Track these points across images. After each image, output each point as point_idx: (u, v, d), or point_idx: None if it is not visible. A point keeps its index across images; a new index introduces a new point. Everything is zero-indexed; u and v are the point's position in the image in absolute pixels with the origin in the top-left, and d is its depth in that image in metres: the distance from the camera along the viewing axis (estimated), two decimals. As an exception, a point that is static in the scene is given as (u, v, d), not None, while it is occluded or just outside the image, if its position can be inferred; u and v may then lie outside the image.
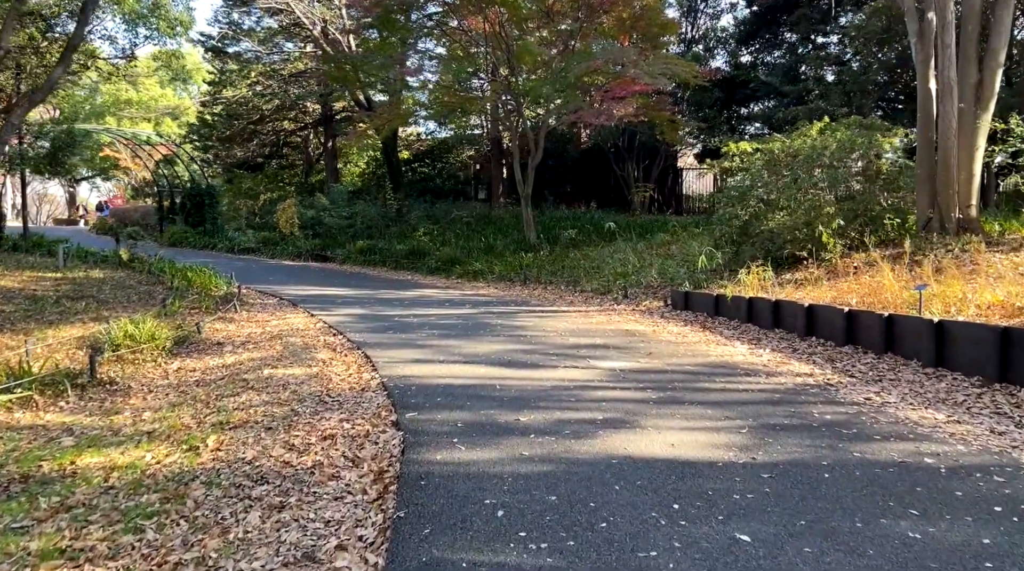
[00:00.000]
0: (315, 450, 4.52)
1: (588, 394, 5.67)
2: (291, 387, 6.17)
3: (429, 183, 26.93)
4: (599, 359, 7.06)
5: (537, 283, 14.31)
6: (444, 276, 16.64)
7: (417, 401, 5.47)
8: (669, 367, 6.69)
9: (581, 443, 4.43)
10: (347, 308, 11.09)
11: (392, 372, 6.49)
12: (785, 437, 4.51)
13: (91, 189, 67.93)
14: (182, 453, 4.72)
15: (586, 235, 17.81)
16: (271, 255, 22.01)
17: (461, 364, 6.84)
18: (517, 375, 6.38)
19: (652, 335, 8.55)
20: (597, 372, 6.48)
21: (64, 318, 10.11)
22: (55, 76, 10.80)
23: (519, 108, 17.59)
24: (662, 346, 7.80)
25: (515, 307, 11.34)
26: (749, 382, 6.06)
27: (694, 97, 22.96)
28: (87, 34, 17.92)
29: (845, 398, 5.50)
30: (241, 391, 6.22)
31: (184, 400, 6.16)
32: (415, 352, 7.48)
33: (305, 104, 27.90)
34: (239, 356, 7.81)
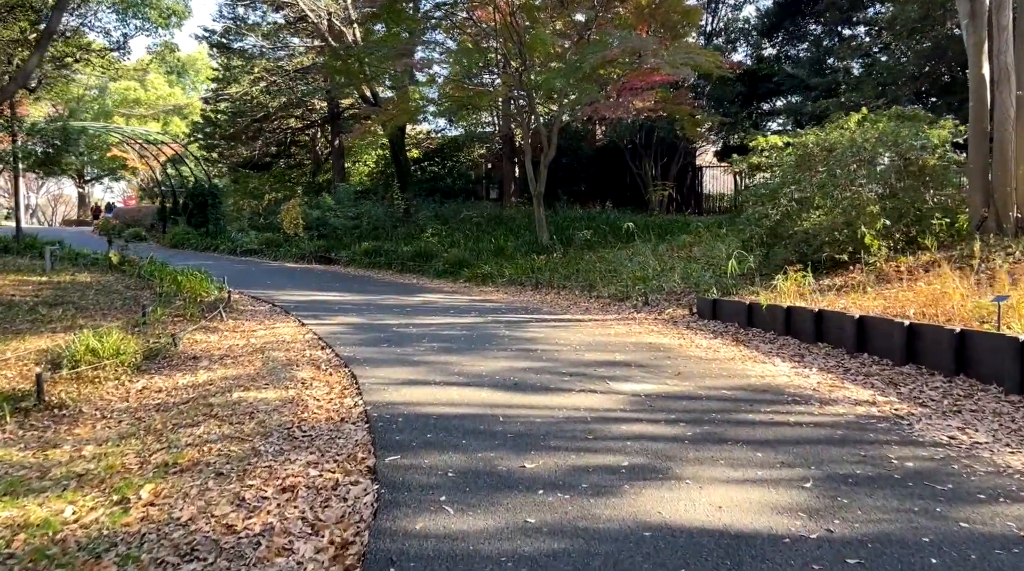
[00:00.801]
0: (269, 508, 3.60)
1: (609, 429, 4.72)
2: (259, 416, 5.27)
3: (439, 182, 26.05)
4: (620, 380, 6.11)
5: (550, 287, 13.36)
6: (451, 279, 15.72)
7: (403, 438, 4.54)
8: (703, 391, 5.72)
9: (603, 503, 3.48)
10: (343, 316, 10.20)
11: (379, 397, 5.57)
12: (863, 496, 3.54)
13: (105, 190, 67.83)
14: (109, 507, 3.82)
15: (602, 236, 16.84)
16: (274, 257, 21.20)
17: (460, 386, 5.91)
18: (524, 401, 5.44)
19: (679, 350, 7.58)
20: (618, 398, 5.52)
21: (34, 328, 9.29)
22: (31, 65, 10.01)
23: (531, 103, 16.65)
24: (691, 364, 6.83)
25: (525, 315, 10.40)
26: (800, 412, 5.09)
27: (715, 92, 21.93)
28: (82, 27, 17.22)
29: (923, 436, 4.52)
30: (202, 420, 5.32)
31: (136, 430, 5.28)
32: (409, 371, 6.55)
33: (311, 101, 27.13)
34: (212, 373, 6.92)
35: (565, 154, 23.03)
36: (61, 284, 12.90)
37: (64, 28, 16.27)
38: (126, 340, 7.31)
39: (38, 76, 14.97)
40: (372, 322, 9.62)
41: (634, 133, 22.35)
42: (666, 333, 8.66)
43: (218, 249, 23.02)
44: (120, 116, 40.74)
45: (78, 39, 15.70)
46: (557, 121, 16.59)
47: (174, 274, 12.62)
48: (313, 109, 27.61)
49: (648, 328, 9.05)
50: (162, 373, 7.14)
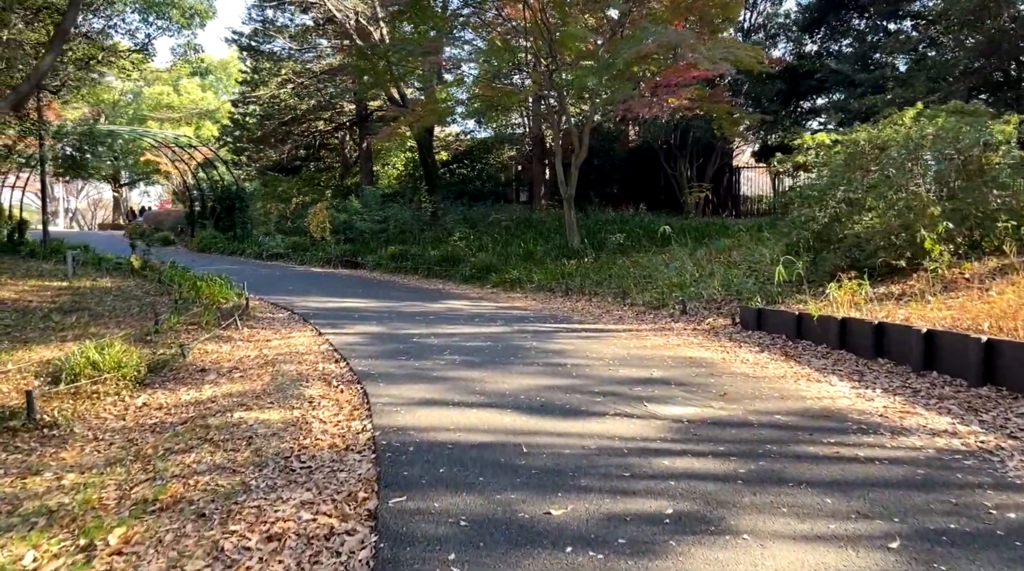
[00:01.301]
0: (248, 564, 3.07)
1: (649, 464, 4.11)
2: (257, 441, 4.76)
3: (467, 185, 25.56)
4: (659, 402, 5.48)
5: (580, 294, 12.74)
6: (478, 285, 15.18)
7: (412, 473, 3.98)
8: (754, 417, 5.07)
9: (644, 567, 2.88)
10: (363, 324, 9.70)
11: (390, 421, 5.02)
12: (965, 563, 2.89)
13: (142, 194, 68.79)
14: (73, 554, 3.33)
15: (635, 240, 16.16)
16: (300, 261, 20.89)
17: (481, 408, 5.34)
18: (552, 427, 4.85)
19: (723, 365, 6.92)
20: (658, 424, 4.90)
21: (44, 336, 8.95)
22: (44, 65, 9.72)
23: (562, 103, 16.06)
24: (738, 382, 6.17)
25: (554, 324, 9.80)
26: (871, 445, 4.42)
27: (753, 90, 21.11)
28: (107, 29, 17.07)
29: (1022, 477, 3.83)
30: (196, 444, 4.83)
31: (125, 455, 4.81)
32: (426, 388, 6.00)
33: (340, 104, 26.86)
34: (218, 389, 6.45)
35: (597, 155, 22.40)
36: (80, 289, 12.64)
37: (88, 30, 16.13)
38: (128, 352, 6.88)
39: (61, 78, 14.85)
40: (392, 332, 9.10)
41: (668, 133, 21.62)
42: (707, 346, 7.99)
43: (245, 253, 22.80)
44: (154, 121, 41.05)
45: (101, 41, 15.51)
46: (589, 121, 15.96)
47: (193, 280, 12.28)
48: (341, 111, 27.34)
49: (687, 340, 8.39)
50: (166, 387, 6.70)
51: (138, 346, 8.41)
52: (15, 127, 15.64)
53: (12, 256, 17.63)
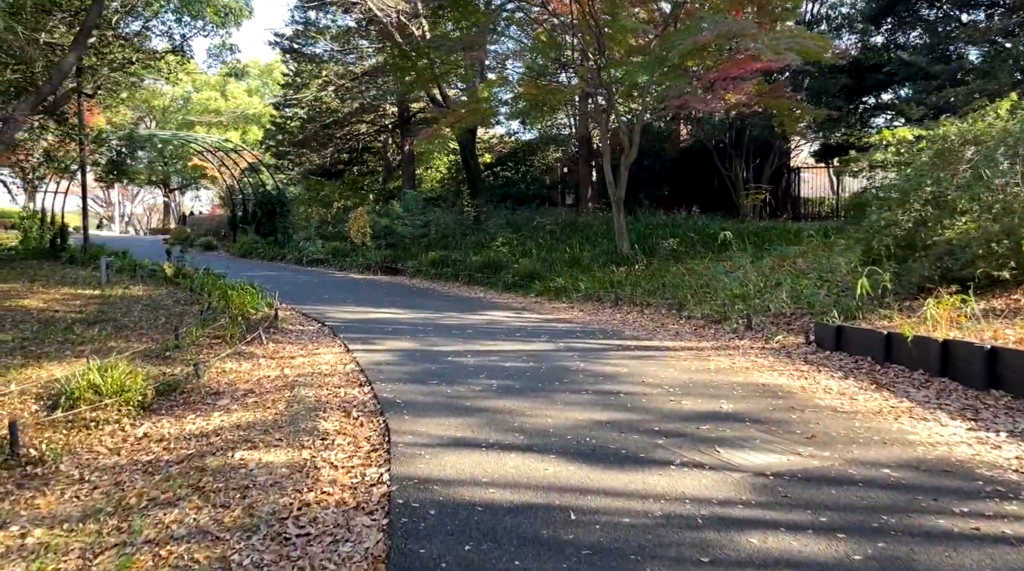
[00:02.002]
0: None
1: (731, 542, 3.21)
2: (253, 494, 4.01)
3: (511, 188, 24.79)
4: (734, 446, 4.57)
5: (631, 305, 11.81)
6: (521, 293, 14.36)
7: (430, 552, 3.17)
8: (855, 470, 4.12)
9: None
10: (395, 340, 8.96)
11: (411, 469, 4.22)
12: None
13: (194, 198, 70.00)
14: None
15: (689, 245, 15.13)
16: (340, 267, 20.38)
17: (519, 453, 4.50)
18: (605, 482, 3.98)
19: (803, 396, 5.94)
20: (737, 479, 3.99)
21: (61, 351, 8.43)
22: (67, 63, 9.27)
23: (610, 101, 15.14)
24: (825, 419, 5.21)
25: (604, 340, 8.91)
26: (1016, 516, 3.44)
27: (815, 85, 19.82)
28: (145, 31, 16.80)
29: None
30: (184, 495, 4.10)
31: (106, 505, 4.12)
32: (457, 424, 5.19)
33: (382, 106, 26.39)
34: (227, 418, 5.75)
35: (647, 156, 21.39)
36: (110, 298, 12.23)
37: (127, 32, 15.85)
38: (133, 374, 6.24)
39: (96, 80, 14.58)
40: (426, 348, 8.33)
41: (723, 132, 20.49)
42: (781, 369, 7.01)
43: (285, 258, 22.42)
44: (201, 126, 41.41)
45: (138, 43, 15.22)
46: (639, 119, 15.01)
47: (224, 288, 11.73)
48: (384, 114, 26.89)
49: (756, 361, 7.41)
50: (174, 414, 6.03)
51: (155, 363, 7.85)
52: (54, 132, 15.45)
53: (52, 262, 17.51)
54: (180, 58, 16.32)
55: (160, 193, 58.28)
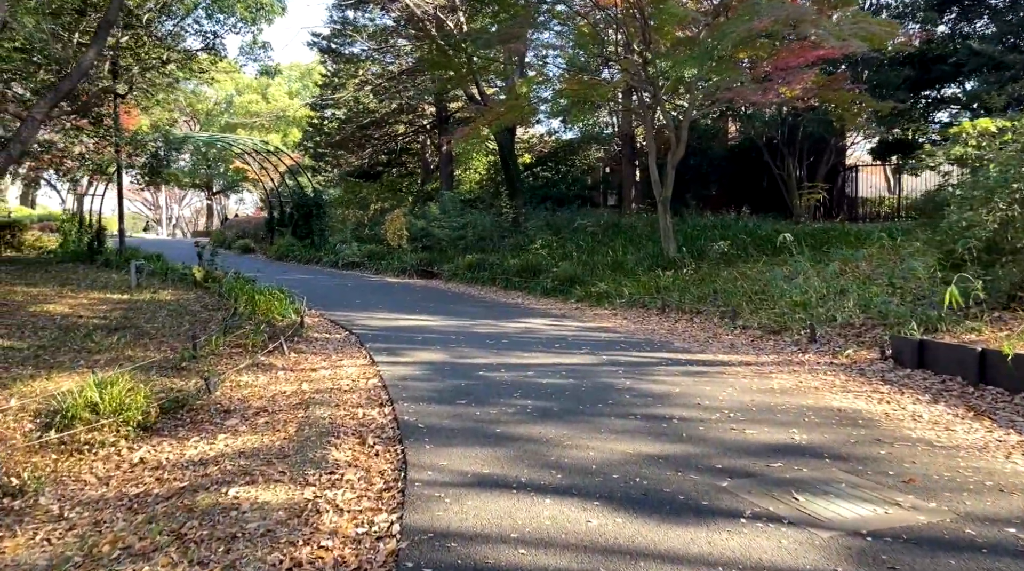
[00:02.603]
0: None
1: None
2: (239, 546, 3.38)
3: (551, 189, 24.05)
4: (814, 491, 3.80)
5: (680, 312, 11.00)
6: (561, 299, 13.64)
7: (440, 645, 2.48)
8: (973, 529, 3.32)
9: None
10: (425, 350, 8.33)
11: (429, 517, 3.55)
12: None
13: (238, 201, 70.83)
14: None
15: (740, 248, 14.21)
16: (375, 270, 19.91)
17: (557, 498, 3.79)
18: (660, 542, 3.25)
19: (888, 425, 5.11)
20: (824, 540, 3.23)
21: (75, 360, 8.01)
22: (86, 60, 8.87)
23: (656, 96, 14.33)
24: (921, 455, 4.39)
25: (651, 353, 8.14)
26: None
27: (876, 77, 18.64)
28: (179, 30, 16.55)
29: None
30: (163, 543, 3.51)
31: (75, 552, 3.54)
32: (485, 456, 4.50)
33: (420, 106, 25.92)
34: (232, 442, 5.17)
35: (693, 154, 20.46)
36: (137, 303, 11.88)
37: (162, 33, 15.60)
38: (135, 391, 5.70)
39: (126, 80, 14.35)
40: (456, 361, 7.67)
41: (776, 128, 19.43)
42: (856, 390, 6.16)
43: (321, 261, 22.07)
44: (243, 128, 41.63)
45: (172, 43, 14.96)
46: (687, 115, 14.16)
47: (252, 293, 11.26)
48: (422, 114, 26.42)
49: (826, 380, 6.57)
50: (177, 435, 5.48)
51: (169, 375, 7.36)
52: (88, 134, 15.30)
53: (88, 265, 17.41)
54: (213, 56, 16.02)
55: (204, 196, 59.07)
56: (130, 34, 14.32)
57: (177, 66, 15.78)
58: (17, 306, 11.22)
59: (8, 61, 13.28)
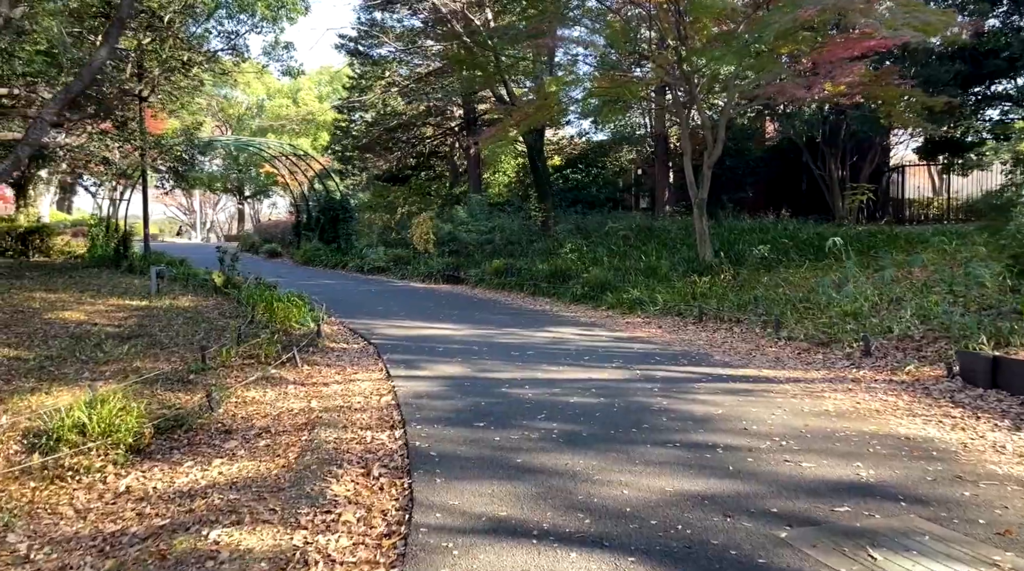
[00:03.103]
0: None
1: None
2: (208, 611, 2.88)
3: (581, 192, 23.43)
4: (892, 547, 3.18)
5: (718, 321, 10.34)
6: (591, 305, 13.03)
7: None
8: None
9: None
10: (445, 363, 7.81)
11: (432, 575, 3.01)
12: None
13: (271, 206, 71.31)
14: None
15: (781, 252, 13.48)
16: (401, 275, 19.49)
17: (584, 552, 3.22)
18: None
19: (967, 457, 4.45)
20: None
21: (81, 372, 7.65)
22: (97, 60, 8.54)
23: (692, 93, 13.65)
24: (1014, 499, 3.74)
25: (689, 367, 7.51)
26: None
27: (924, 72, 17.71)
28: (205, 34, 16.32)
29: None
30: (125, 601, 3.01)
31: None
32: (503, 493, 3.95)
33: (448, 108, 25.50)
34: (226, 469, 4.70)
35: (729, 155, 19.69)
36: (155, 310, 11.56)
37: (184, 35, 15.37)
38: (126, 411, 5.26)
39: (147, 82, 14.13)
40: (477, 375, 7.13)
41: (817, 127, 18.60)
42: (923, 414, 5.48)
43: (347, 266, 21.72)
44: (274, 133, 41.71)
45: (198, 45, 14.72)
46: (726, 112, 13.47)
47: (270, 300, 10.85)
48: (450, 117, 26.00)
49: (887, 400, 5.89)
50: (171, 459, 5.03)
51: (175, 388, 6.95)
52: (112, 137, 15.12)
53: (112, 270, 17.23)
54: (235, 57, 15.73)
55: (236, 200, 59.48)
56: (152, 36, 14.08)
57: (201, 68, 15.53)
58: (33, 313, 10.97)
59: (30, 63, 13.09)
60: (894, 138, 21.62)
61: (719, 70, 13.23)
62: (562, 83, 15.33)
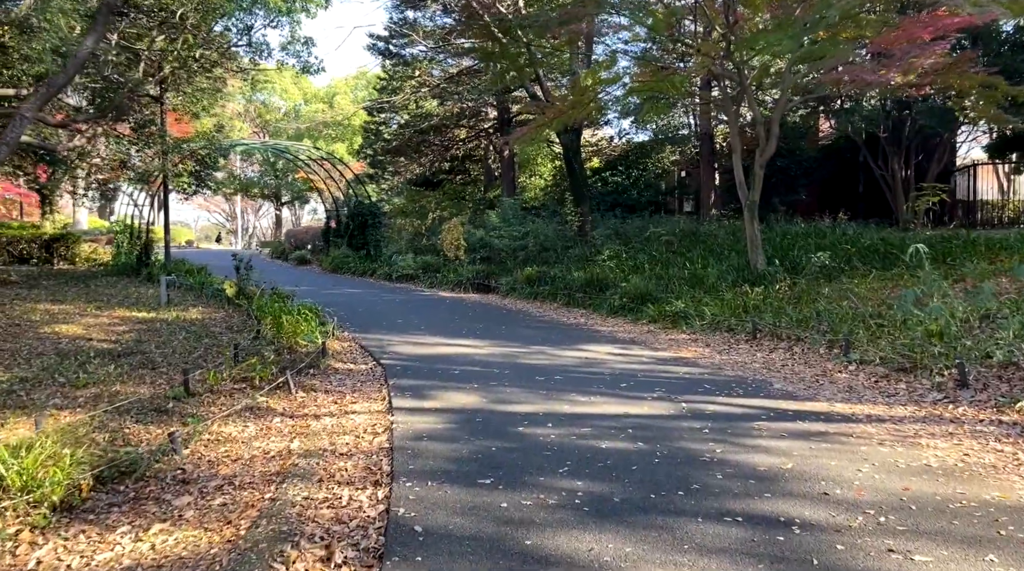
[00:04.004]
0: None
1: None
2: None
3: (621, 195, 22.24)
4: None
5: (774, 338, 9.11)
6: (631, 318, 11.88)
7: None
8: None
9: None
10: (457, 390, 6.77)
11: None
12: None
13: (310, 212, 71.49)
14: None
15: (843, 260, 12.14)
16: (429, 284, 18.55)
17: None
18: None
19: None
20: None
21: (50, 398, 6.82)
22: (84, 50, 7.77)
23: (742, 84, 12.40)
24: None
25: (745, 399, 6.34)
26: None
27: (996, 61, 16.15)
28: (225, 32, 15.65)
29: None
30: None
31: None
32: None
33: (481, 109, 24.57)
34: (162, 541, 3.73)
35: (780, 155, 18.31)
36: (159, 323, 10.80)
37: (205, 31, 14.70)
38: (56, 459, 4.33)
39: (159, 80, 13.47)
40: (493, 408, 6.07)
41: (878, 123, 17.12)
42: (1059, 475, 4.24)
43: (375, 273, 20.87)
44: (310, 137, 41.39)
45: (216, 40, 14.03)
46: (780, 104, 12.19)
47: (279, 313, 9.98)
48: (484, 118, 25.06)
49: (1001, 451, 4.66)
50: (105, 521, 4.09)
51: (148, 419, 6.05)
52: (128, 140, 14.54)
53: (131, 279, 16.68)
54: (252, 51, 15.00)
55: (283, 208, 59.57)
56: (164, 33, 13.40)
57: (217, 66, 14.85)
58: (29, 327, 10.28)
59: (40, 63, 12.48)
60: (961, 136, 19.99)
61: (772, 57, 11.98)
62: (600, 72, 14.17)
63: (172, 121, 19.00)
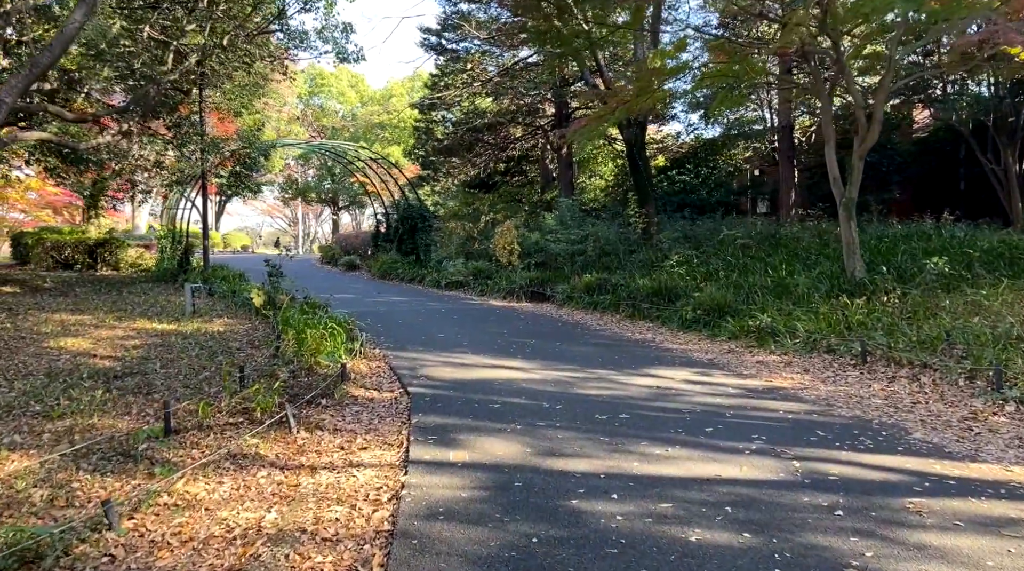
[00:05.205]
0: None
1: None
2: None
3: (689, 195, 20.50)
4: None
5: (891, 364, 7.39)
6: (706, 334, 10.27)
7: None
8: None
9: None
10: (496, 433, 5.35)
11: None
12: None
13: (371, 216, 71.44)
14: None
15: (961, 266, 10.26)
16: (480, 291, 17.21)
17: None
18: None
19: None
20: None
21: (17, 430, 5.71)
22: (71, 26, 6.71)
23: (839, 59, 10.64)
24: None
25: (881, 458, 4.71)
26: None
27: None
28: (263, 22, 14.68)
29: None
30: None
31: None
32: None
33: (538, 105, 23.17)
34: None
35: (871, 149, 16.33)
36: (175, 336, 9.75)
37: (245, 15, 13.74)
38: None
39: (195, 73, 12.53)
40: (539, 463, 4.62)
41: (987, 111, 14.98)
42: None
43: (424, 280, 19.64)
44: (366, 140, 40.79)
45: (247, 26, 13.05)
46: (886, 79, 10.36)
47: (302, 328, 8.76)
48: (541, 115, 23.65)
49: None
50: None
51: (109, 468, 4.86)
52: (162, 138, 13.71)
53: (167, 285, 15.87)
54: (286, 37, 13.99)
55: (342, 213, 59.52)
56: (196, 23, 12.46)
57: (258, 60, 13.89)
58: (33, 340, 9.35)
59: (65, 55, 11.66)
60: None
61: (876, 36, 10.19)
62: (667, 61, 12.59)
63: (216, 120, 18.22)
